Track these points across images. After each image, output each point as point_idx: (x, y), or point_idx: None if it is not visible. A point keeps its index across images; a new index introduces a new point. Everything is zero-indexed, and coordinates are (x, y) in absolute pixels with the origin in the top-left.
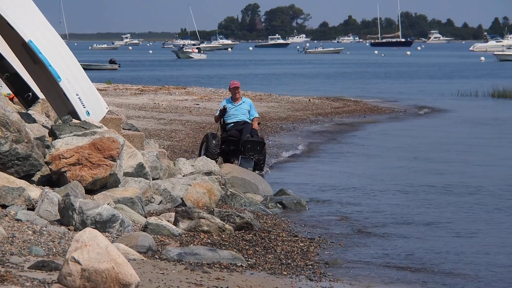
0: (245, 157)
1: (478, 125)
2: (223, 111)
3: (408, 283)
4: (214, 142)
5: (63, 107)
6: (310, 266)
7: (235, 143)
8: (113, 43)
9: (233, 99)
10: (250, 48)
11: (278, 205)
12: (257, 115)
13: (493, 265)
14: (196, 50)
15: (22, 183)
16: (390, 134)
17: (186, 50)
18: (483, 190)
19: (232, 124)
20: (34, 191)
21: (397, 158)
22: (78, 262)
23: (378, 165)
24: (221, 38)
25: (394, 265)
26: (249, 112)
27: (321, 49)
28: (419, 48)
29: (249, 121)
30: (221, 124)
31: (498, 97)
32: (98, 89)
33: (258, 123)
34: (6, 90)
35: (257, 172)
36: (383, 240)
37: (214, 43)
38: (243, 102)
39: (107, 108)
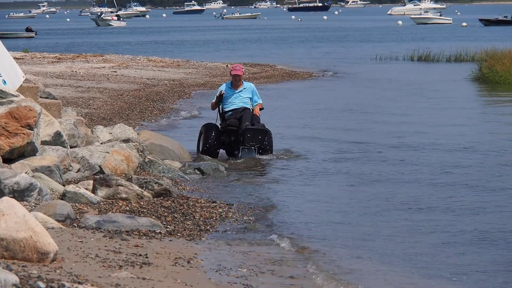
0: (246, 147)
1: (394, 89)
2: (220, 97)
3: (331, 246)
4: (212, 134)
5: None
6: (229, 232)
7: (235, 133)
8: (30, 12)
9: (234, 85)
10: (164, 15)
11: (196, 171)
12: (260, 101)
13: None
14: (116, 18)
15: None
16: (306, 96)
17: (105, 18)
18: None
19: (231, 112)
20: None
21: (316, 121)
22: None
23: (297, 131)
24: (135, 6)
25: (311, 228)
26: (251, 99)
27: (238, 15)
28: (336, 12)
29: (249, 107)
30: (220, 112)
31: (417, 60)
32: (15, 58)
33: (261, 109)
34: None
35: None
36: (302, 201)
37: (130, 10)
38: (244, 88)
39: (23, 76)
